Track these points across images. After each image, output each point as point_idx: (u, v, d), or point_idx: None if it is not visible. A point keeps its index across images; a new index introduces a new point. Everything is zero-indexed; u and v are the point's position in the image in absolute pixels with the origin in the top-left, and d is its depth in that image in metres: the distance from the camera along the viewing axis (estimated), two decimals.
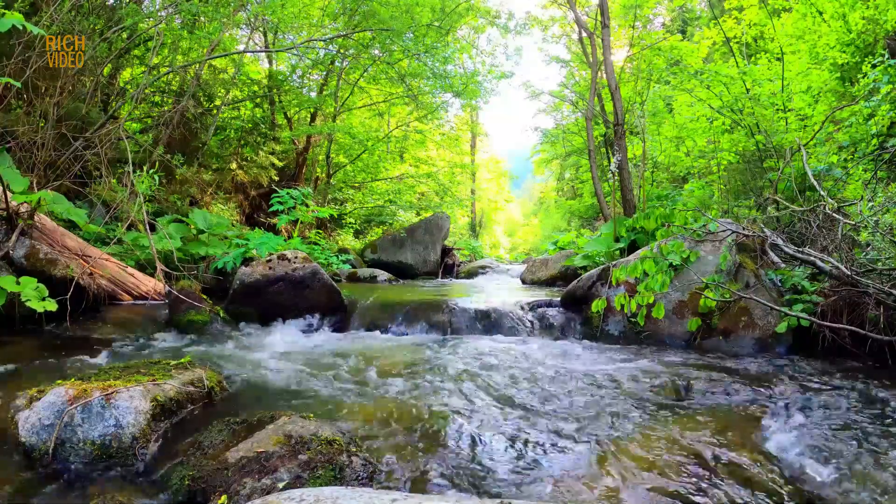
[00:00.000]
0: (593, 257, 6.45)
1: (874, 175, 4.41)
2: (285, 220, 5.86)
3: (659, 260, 3.74)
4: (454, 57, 10.75)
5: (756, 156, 6.22)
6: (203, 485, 1.45)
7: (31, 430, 1.61)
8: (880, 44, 6.00)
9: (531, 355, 3.18)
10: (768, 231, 3.91)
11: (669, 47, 11.61)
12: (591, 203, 17.32)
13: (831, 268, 3.15)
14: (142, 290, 4.31)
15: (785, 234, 4.26)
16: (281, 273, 4.08)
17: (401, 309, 4.21)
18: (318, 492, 1.12)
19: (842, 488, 1.53)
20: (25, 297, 2.88)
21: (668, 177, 11.72)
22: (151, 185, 4.72)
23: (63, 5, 4.97)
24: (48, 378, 2.29)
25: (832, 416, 2.08)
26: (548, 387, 2.47)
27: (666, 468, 1.60)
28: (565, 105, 17.33)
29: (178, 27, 6.55)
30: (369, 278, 7.93)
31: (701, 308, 3.50)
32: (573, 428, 1.94)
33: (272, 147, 10.29)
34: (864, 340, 2.99)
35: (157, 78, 7.16)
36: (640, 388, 2.47)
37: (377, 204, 13.02)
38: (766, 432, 1.91)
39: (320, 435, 1.63)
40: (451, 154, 19.23)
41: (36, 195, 3.60)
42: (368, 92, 12.30)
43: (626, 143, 9.25)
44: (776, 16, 9.24)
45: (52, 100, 4.69)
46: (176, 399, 1.92)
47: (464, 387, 2.46)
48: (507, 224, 38.75)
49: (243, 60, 9.30)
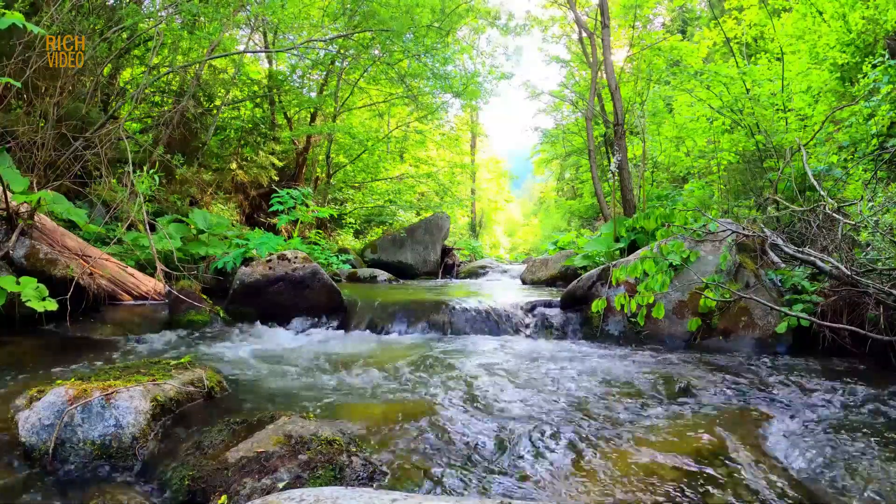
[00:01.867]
0: (593, 257, 6.45)
1: (874, 175, 4.41)
2: (285, 220, 5.87)
3: (659, 260, 3.74)
4: (454, 57, 10.76)
5: (756, 156, 6.22)
6: (203, 485, 1.45)
7: (31, 430, 1.61)
8: (880, 44, 6.00)
9: (531, 355, 3.18)
10: (768, 231, 3.91)
11: (669, 47, 11.62)
12: (591, 203, 17.32)
13: (831, 268, 3.15)
14: (142, 290, 4.31)
15: (785, 234, 4.26)
16: (281, 273, 4.08)
17: (401, 309, 4.21)
18: (318, 492, 1.12)
19: (842, 489, 1.53)
20: (25, 297, 2.88)
21: (668, 177, 11.72)
22: (151, 185, 4.72)
23: (63, 5, 4.97)
24: (48, 378, 2.30)
25: (832, 416, 2.08)
26: (548, 387, 2.47)
27: (665, 468, 1.60)
28: (565, 105, 17.34)
29: (178, 27, 6.55)
30: (369, 278, 7.93)
31: (701, 308, 3.50)
32: (573, 428, 1.94)
33: (272, 147, 10.29)
34: (864, 340, 2.99)
35: (157, 78, 7.16)
36: (639, 388, 2.47)
37: (377, 204, 13.02)
38: (765, 433, 1.91)
39: (320, 435, 1.63)
40: (451, 154, 19.24)
41: (36, 195, 3.60)
42: (368, 92, 12.30)
43: (626, 143, 9.25)
44: (776, 16, 9.24)
45: (52, 100, 4.69)
46: (176, 399, 1.92)
47: (464, 387, 2.46)
48: (507, 224, 38.75)
49: (243, 60, 9.30)
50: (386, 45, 9.03)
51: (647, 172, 10.92)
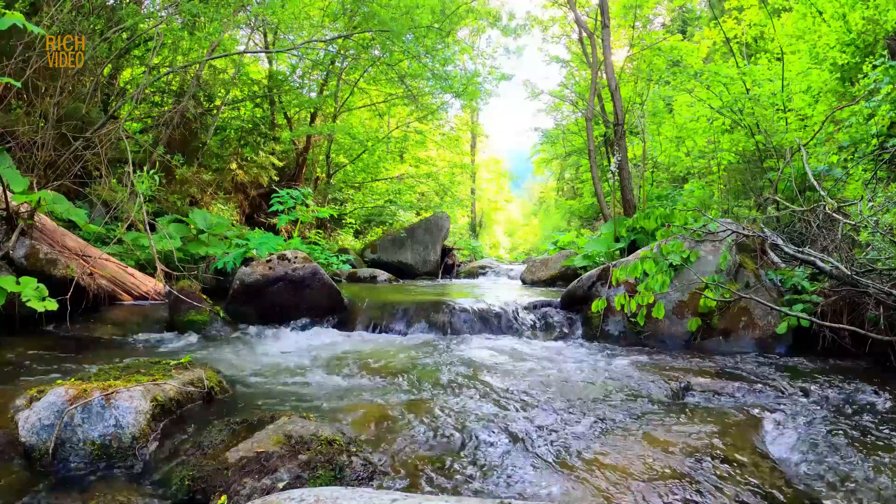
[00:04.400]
0: (593, 257, 6.45)
1: (874, 175, 4.41)
2: (285, 220, 5.87)
3: (659, 260, 3.74)
4: (454, 58, 10.76)
5: (756, 156, 6.22)
6: (203, 485, 1.45)
7: (31, 430, 1.61)
8: (880, 44, 6.00)
9: (531, 355, 3.19)
10: (768, 231, 3.90)
11: (669, 47, 11.61)
12: (591, 203, 17.31)
13: (831, 268, 3.15)
14: (142, 290, 4.31)
15: (785, 234, 4.26)
16: (281, 273, 4.08)
17: (401, 309, 4.21)
18: (318, 492, 1.12)
19: (842, 489, 1.53)
20: (25, 297, 2.88)
21: (668, 177, 11.72)
22: (151, 185, 4.72)
23: (64, 6, 4.97)
24: (48, 378, 2.30)
25: (832, 416, 2.08)
26: (547, 387, 2.47)
27: (665, 469, 1.60)
28: (565, 105, 17.34)
29: (178, 27, 6.55)
30: (369, 278, 7.93)
31: (701, 308, 3.50)
32: (573, 428, 1.94)
33: (272, 147, 10.29)
34: (864, 340, 2.99)
35: (157, 78, 7.16)
36: (639, 388, 2.47)
37: (377, 204, 13.01)
38: (765, 433, 1.91)
39: (320, 435, 1.63)
40: (451, 154, 19.22)
41: (36, 195, 3.60)
42: (368, 93, 12.30)
43: (626, 143, 9.25)
44: (776, 16, 9.24)
45: (52, 100, 4.69)
46: (176, 399, 1.92)
47: (463, 387, 2.46)
48: (507, 224, 38.76)
49: (243, 60, 9.30)
50: (386, 46, 9.03)
51: (647, 172, 10.92)
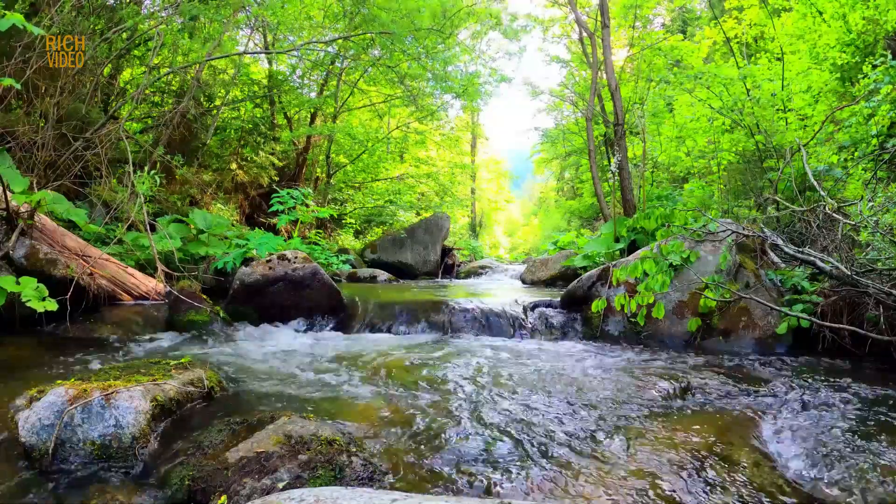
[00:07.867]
0: (593, 257, 6.45)
1: (874, 175, 4.41)
2: (285, 220, 5.87)
3: (659, 260, 3.74)
4: (455, 59, 10.76)
5: (756, 156, 6.22)
6: (203, 485, 1.45)
7: (30, 430, 1.61)
8: (880, 44, 6.01)
9: (531, 355, 3.18)
10: (768, 231, 3.90)
11: (670, 47, 11.62)
12: (591, 203, 17.31)
13: (831, 268, 3.15)
14: (142, 290, 4.30)
15: (785, 234, 4.26)
16: (281, 273, 4.08)
17: (401, 309, 4.21)
18: (318, 492, 1.12)
19: (841, 489, 1.53)
20: (25, 297, 2.88)
21: (668, 177, 11.72)
22: (152, 185, 4.72)
23: (64, 6, 4.97)
24: (48, 378, 2.30)
25: (832, 416, 2.08)
26: (547, 387, 2.47)
27: (664, 469, 1.60)
28: (565, 105, 17.34)
29: (178, 27, 6.55)
30: (369, 278, 7.94)
31: (701, 308, 3.50)
32: (572, 428, 1.94)
33: (272, 147, 10.29)
34: (864, 340, 2.99)
35: (157, 78, 7.16)
36: (639, 388, 2.47)
37: (377, 204, 13.02)
38: (765, 433, 1.91)
39: (320, 435, 1.63)
40: (451, 154, 19.23)
41: (36, 195, 3.60)
42: (368, 93, 12.31)
43: (626, 143, 9.26)
44: (776, 16, 9.24)
45: (52, 100, 4.69)
46: (176, 399, 1.92)
47: (463, 387, 2.46)
48: (507, 224, 38.78)
49: (243, 61, 9.30)
50: (386, 47, 9.03)
51: (647, 172, 10.91)
